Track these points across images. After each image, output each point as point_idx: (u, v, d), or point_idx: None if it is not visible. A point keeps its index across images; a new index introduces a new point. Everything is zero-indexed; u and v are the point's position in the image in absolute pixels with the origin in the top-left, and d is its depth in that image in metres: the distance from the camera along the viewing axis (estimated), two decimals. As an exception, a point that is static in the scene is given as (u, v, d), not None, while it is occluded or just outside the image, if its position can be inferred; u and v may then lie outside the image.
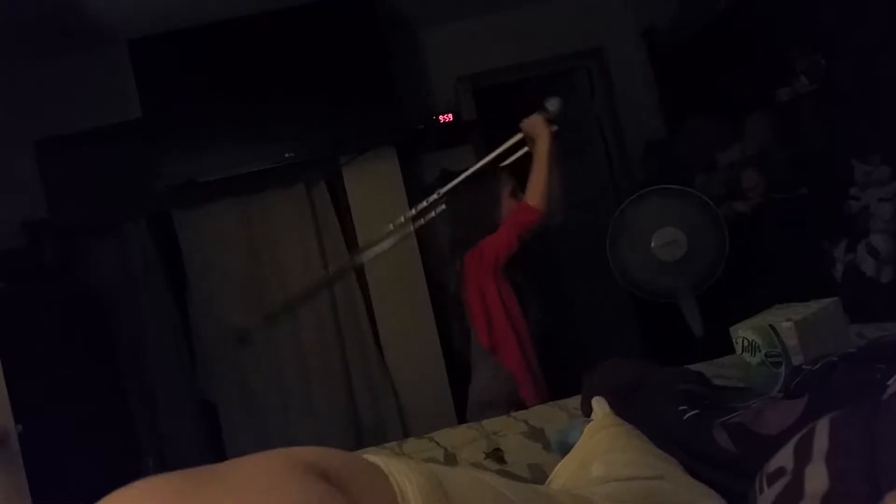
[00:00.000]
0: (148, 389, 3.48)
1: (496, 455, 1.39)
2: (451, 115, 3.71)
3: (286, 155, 3.27)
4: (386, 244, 2.44)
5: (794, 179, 2.76)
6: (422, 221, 2.33)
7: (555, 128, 2.15)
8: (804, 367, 1.02)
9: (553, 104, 2.16)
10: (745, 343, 1.34)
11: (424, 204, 2.30)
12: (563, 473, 0.84)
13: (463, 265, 2.23)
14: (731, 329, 1.39)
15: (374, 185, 3.52)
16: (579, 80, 4.16)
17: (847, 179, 2.46)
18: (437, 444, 1.55)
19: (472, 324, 2.25)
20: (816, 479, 0.44)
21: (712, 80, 3.29)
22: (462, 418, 2.51)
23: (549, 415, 1.54)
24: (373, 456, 0.47)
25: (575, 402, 1.45)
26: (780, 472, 0.51)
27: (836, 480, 0.43)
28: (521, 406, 1.95)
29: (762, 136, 2.90)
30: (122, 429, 3.28)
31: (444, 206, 2.29)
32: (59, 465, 2.11)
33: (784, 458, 0.51)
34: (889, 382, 0.78)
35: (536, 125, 2.15)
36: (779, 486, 0.48)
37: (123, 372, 3.42)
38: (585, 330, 4.14)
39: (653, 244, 2.51)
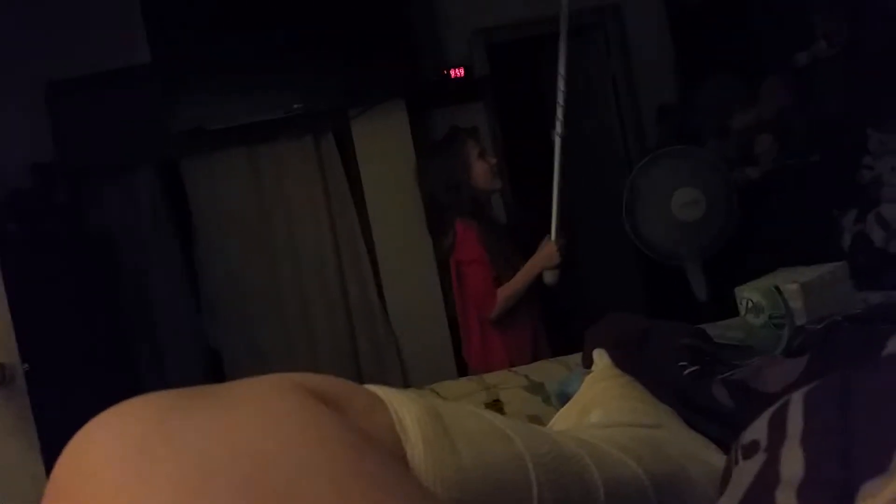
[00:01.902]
0: (153, 335, 3.51)
1: (496, 406, 1.41)
2: (462, 70, 3.66)
3: (295, 106, 3.25)
4: None
5: (807, 146, 2.73)
6: None
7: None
8: (808, 326, 1.02)
9: (552, 276, 2.36)
10: (749, 304, 1.34)
11: None
12: (561, 421, 0.85)
13: (455, 232, 2.35)
14: (736, 290, 1.38)
15: (382, 138, 3.49)
16: (595, 38, 4.09)
17: (861, 148, 2.42)
18: (438, 394, 1.56)
19: None
20: (792, 463, 0.43)
21: (730, 43, 3.22)
22: (463, 373, 2.55)
23: (550, 369, 1.55)
24: (372, 386, 0.47)
25: (576, 358, 1.46)
26: (755, 446, 0.50)
27: (812, 466, 0.42)
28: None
29: (778, 101, 2.85)
30: (126, 373, 3.32)
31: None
32: (64, 404, 2.14)
33: (758, 430, 0.50)
34: (888, 342, 0.78)
35: (547, 255, 2.35)
36: (754, 463, 0.47)
37: (129, 316, 3.45)
38: (591, 290, 4.15)
39: (672, 203, 2.50)
